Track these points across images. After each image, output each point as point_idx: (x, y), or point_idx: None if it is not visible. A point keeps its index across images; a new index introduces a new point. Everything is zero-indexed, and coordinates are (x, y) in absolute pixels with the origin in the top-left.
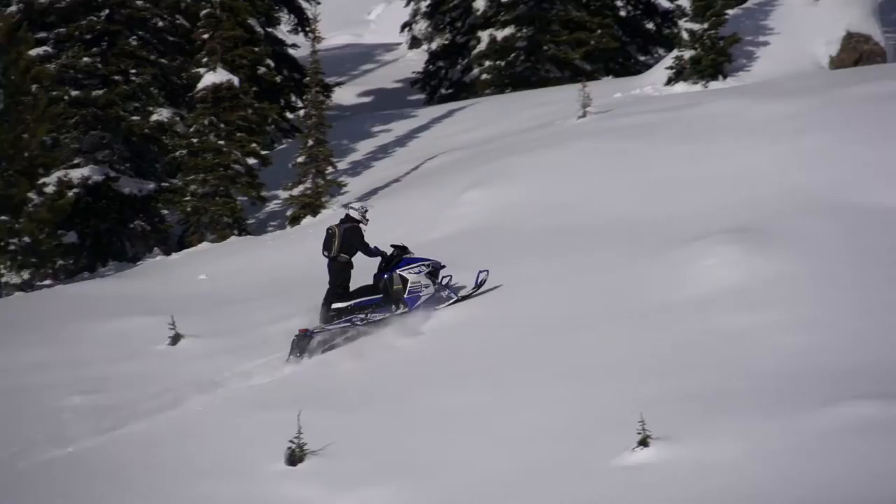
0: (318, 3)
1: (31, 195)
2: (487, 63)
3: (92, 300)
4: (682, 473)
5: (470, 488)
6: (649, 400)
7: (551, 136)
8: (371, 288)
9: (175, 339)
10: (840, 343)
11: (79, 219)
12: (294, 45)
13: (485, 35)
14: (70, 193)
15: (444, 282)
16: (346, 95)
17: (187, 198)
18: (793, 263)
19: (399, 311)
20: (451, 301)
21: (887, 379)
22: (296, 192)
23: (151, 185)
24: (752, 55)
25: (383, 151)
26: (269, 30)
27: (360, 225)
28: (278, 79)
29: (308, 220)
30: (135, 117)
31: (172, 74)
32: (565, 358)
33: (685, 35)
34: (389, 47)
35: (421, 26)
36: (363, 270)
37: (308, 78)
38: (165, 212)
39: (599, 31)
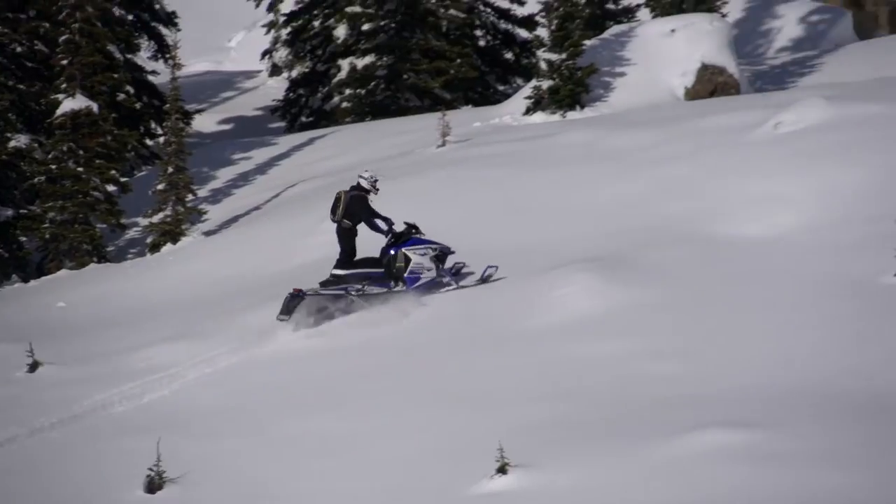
0: (178, 30)
1: None
2: (348, 91)
3: None
4: (541, 501)
5: None
6: (509, 427)
7: (411, 164)
8: (376, 261)
9: (33, 366)
10: (697, 371)
11: None
12: (154, 72)
13: (345, 63)
14: None
15: (458, 268)
16: (206, 123)
17: (46, 225)
18: (651, 292)
19: (397, 289)
20: (451, 288)
21: (742, 406)
22: (155, 219)
23: (9, 212)
24: (609, 86)
25: (244, 179)
26: (129, 56)
27: (369, 195)
28: (138, 105)
29: (168, 247)
30: None
31: (31, 100)
32: (427, 384)
33: (543, 65)
34: (250, 75)
35: (281, 54)
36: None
37: (168, 105)
38: (24, 238)
39: (459, 61)
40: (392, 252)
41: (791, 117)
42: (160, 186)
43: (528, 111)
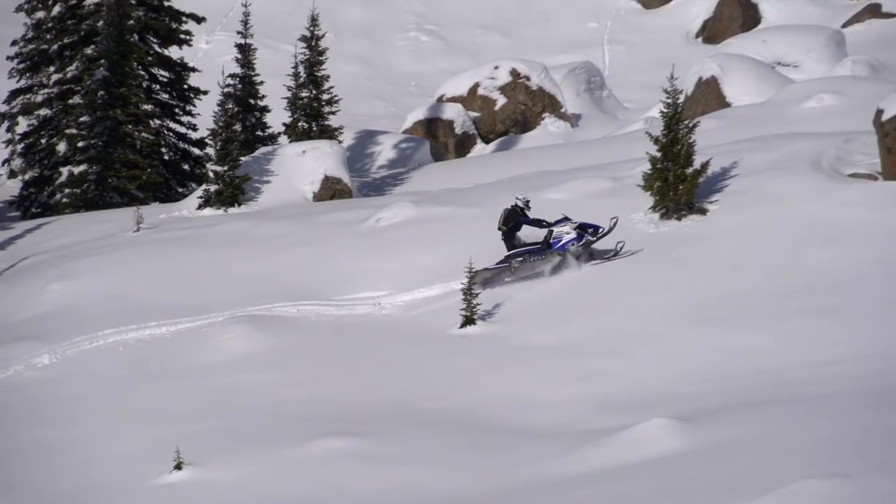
0: None
1: None
2: (67, 191)
3: None
4: (208, 490)
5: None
6: (184, 436)
7: (114, 244)
8: (535, 243)
9: None
10: (321, 395)
11: None
12: None
13: (65, 170)
14: None
15: (620, 248)
16: None
17: None
18: (288, 338)
19: (549, 254)
20: (589, 244)
21: (354, 420)
22: None
23: None
24: (259, 190)
25: None
26: None
27: (525, 209)
28: None
29: None
30: None
31: None
32: (124, 406)
33: (211, 174)
34: None
35: (17, 162)
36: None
37: None
38: None
39: (150, 170)
40: (546, 231)
41: (388, 214)
42: None
43: (200, 207)
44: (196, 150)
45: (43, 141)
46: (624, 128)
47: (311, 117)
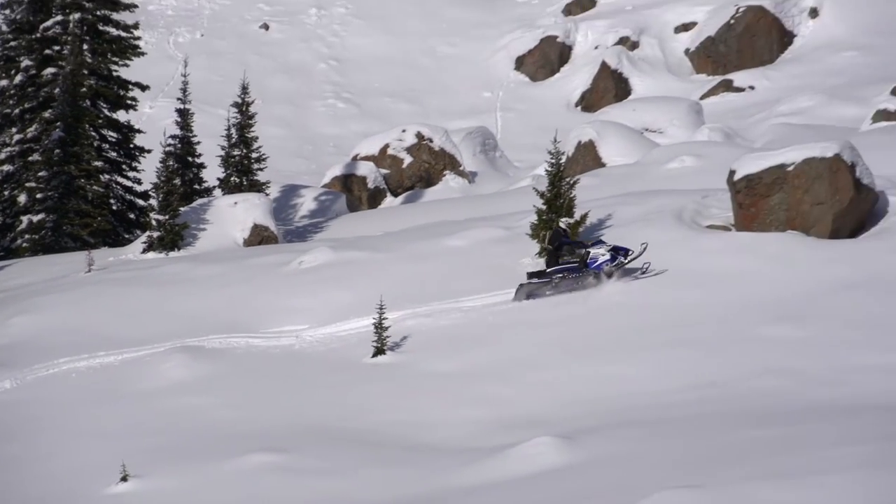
0: None
1: None
2: (27, 237)
3: None
4: (150, 499)
5: None
6: (130, 451)
7: (69, 283)
8: (574, 262)
9: None
10: (250, 416)
11: None
12: None
13: (25, 219)
14: None
15: (645, 267)
16: None
17: None
18: (223, 366)
19: (586, 272)
20: (616, 264)
21: (276, 437)
22: None
23: None
24: (195, 236)
25: None
26: None
27: (566, 232)
28: None
29: None
30: None
31: None
32: (72, 425)
33: (154, 222)
34: None
35: None
36: None
37: None
38: None
39: (100, 218)
40: (583, 251)
41: (309, 258)
42: None
43: (144, 251)
44: (141, 202)
45: (6, 193)
46: (514, 184)
47: (242, 173)
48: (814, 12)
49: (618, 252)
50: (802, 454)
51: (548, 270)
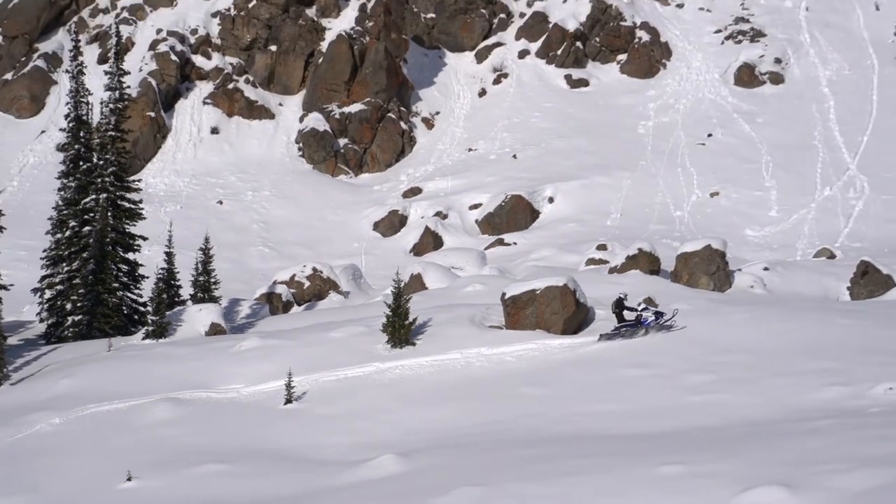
0: None
1: None
2: (71, 330)
3: None
4: (146, 492)
5: None
6: (131, 463)
7: (96, 358)
8: (633, 320)
9: None
10: (209, 441)
11: None
12: None
13: (70, 319)
14: None
15: (670, 317)
16: None
17: None
18: (191, 409)
19: (639, 328)
20: (662, 323)
21: (226, 455)
22: None
23: None
24: (175, 329)
25: None
26: None
27: (624, 299)
28: None
29: None
30: None
31: None
32: (98, 445)
33: (150, 321)
34: None
35: (44, 314)
36: None
37: None
38: None
39: (115, 319)
40: (636, 314)
41: (245, 344)
42: None
43: (143, 339)
44: (141, 308)
45: (58, 302)
46: (372, 299)
47: (204, 290)
48: (551, 199)
49: (659, 315)
50: (551, 464)
51: (617, 326)
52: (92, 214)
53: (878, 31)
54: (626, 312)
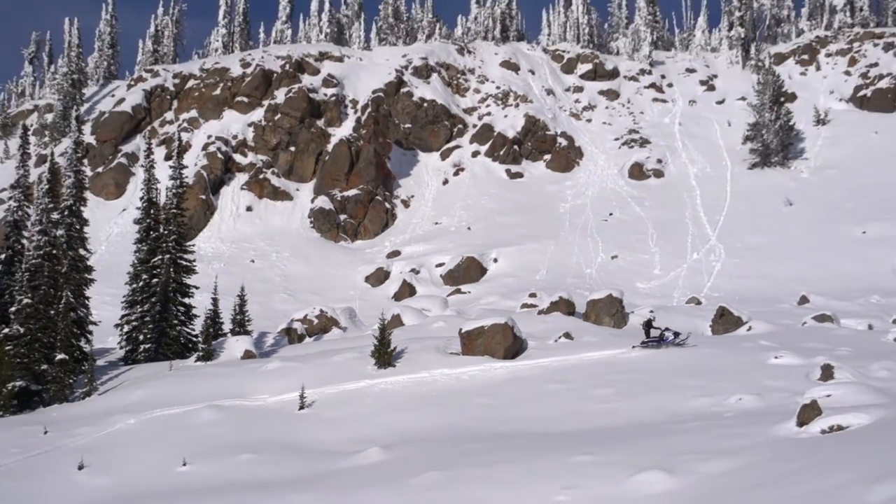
0: None
1: None
2: (143, 355)
3: None
4: (197, 475)
5: None
6: (186, 452)
7: (161, 376)
8: (657, 336)
9: None
10: (242, 436)
11: None
12: None
13: (142, 347)
14: None
15: (684, 338)
16: None
17: None
18: (231, 413)
19: (662, 343)
20: (677, 342)
21: (255, 446)
22: None
23: None
24: (219, 354)
25: None
26: None
27: (653, 320)
28: None
29: None
30: None
31: None
32: (161, 439)
33: (200, 348)
34: None
35: (123, 343)
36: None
37: None
38: None
39: (176, 346)
40: (660, 332)
41: (270, 365)
42: None
43: (196, 361)
44: (194, 339)
45: (133, 335)
46: (364, 333)
47: (240, 325)
48: (496, 259)
49: (677, 335)
50: (493, 454)
51: (644, 340)
52: (158, 270)
53: (730, 141)
54: (652, 330)
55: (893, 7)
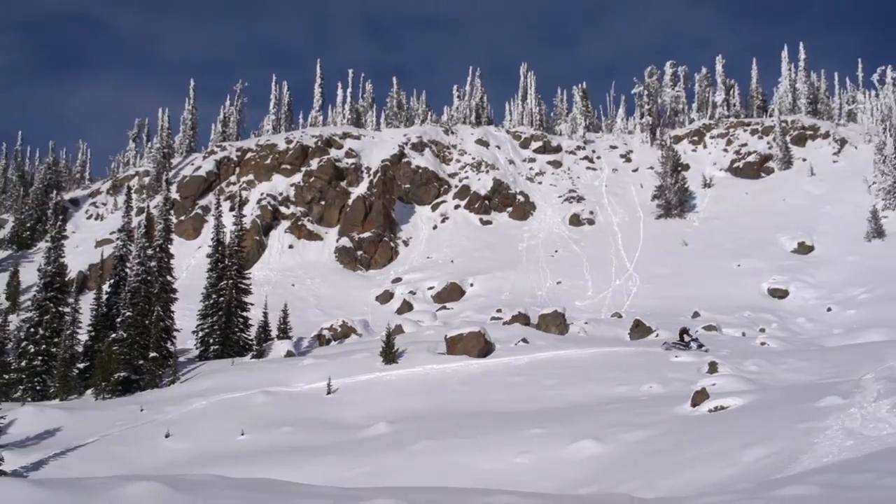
0: None
1: None
2: (211, 355)
3: None
4: (254, 443)
5: None
6: (244, 424)
7: (224, 369)
8: (685, 343)
9: None
10: (289, 414)
11: None
12: None
13: (212, 348)
14: None
15: (706, 348)
16: None
17: None
18: (277, 398)
19: (688, 348)
20: (693, 350)
21: (298, 425)
22: None
23: None
24: (267, 352)
25: None
26: None
27: (687, 331)
28: None
29: None
30: None
31: None
32: (224, 417)
33: (255, 349)
34: None
35: (198, 344)
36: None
37: None
38: None
39: (237, 348)
40: (686, 340)
41: (305, 361)
42: None
43: (252, 358)
44: (250, 342)
45: (205, 339)
46: (375, 338)
47: (284, 332)
48: (472, 284)
49: (701, 345)
50: (471, 428)
51: (675, 342)
52: (224, 291)
53: (642, 199)
54: (685, 336)
55: (756, 104)
